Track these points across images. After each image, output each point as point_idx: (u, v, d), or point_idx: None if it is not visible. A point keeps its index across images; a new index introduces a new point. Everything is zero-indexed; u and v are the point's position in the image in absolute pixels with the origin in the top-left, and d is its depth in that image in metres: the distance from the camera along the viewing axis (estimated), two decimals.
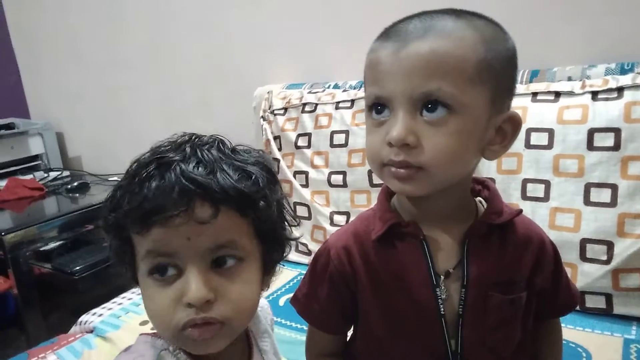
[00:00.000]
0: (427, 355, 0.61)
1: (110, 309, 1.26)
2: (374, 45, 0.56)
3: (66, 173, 2.37)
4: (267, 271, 0.57)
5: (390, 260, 0.61)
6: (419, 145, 0.52)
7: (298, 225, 0.63)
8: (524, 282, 0.62)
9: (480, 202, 0.64)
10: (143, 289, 0.52)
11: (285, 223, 0.59)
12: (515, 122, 0.58)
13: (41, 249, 1.96)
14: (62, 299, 1.97)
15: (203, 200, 0.48)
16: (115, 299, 1.32)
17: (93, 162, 2.44)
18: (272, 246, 0.56)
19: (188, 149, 0.51)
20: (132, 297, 1.32)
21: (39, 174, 2.32)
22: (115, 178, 2.11)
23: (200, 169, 0.49)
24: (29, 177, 2.27)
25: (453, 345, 0.60)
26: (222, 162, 0.51)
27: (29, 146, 2.36)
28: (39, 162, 2.39)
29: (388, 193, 0.65)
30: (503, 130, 0.57)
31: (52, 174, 2.33)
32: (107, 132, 2.31)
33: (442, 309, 0.59)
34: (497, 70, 0.55)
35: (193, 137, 0.54)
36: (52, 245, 1.99)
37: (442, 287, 0.59)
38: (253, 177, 0.51)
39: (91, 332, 1.17)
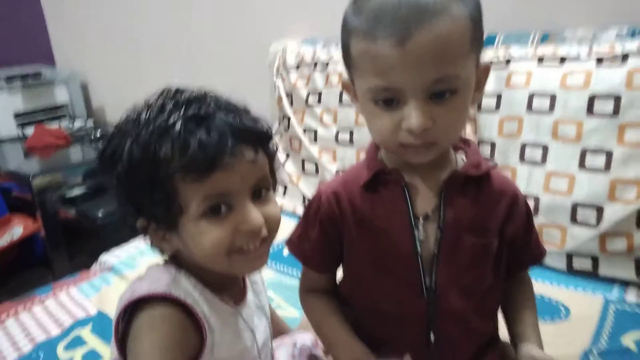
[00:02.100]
0: (405, 291, 0.67)
1: (127, 250, 1.36)
2: (365, 34, 0.56)
3: (90, 122, 2.46)
4: None
5: (374, 204, 0.67)
6: (434, 127, 0.57)
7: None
8: (496, 230, 0.67)
9: (462, 158, 0.69)
10: (194, 230, 0.56)
11: None
12: (487, 70, 0.63)
13: (66, 195, 2.08)
14: (86, 243, 2.10)
15: (247, 143, 0.56)
16: (132, 242, 1.41)
17: (116, 112, 2.52)
18: (275, 179, 0.65)
19: (210, 101, 0.58)
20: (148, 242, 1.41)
21: (64, 123, 2.42)
22: None
23: (233, 118, 0.56)
24: (54, 125, 2.37)
25: (428, 282, 0.66)
26: (241, 110, 0.59)
27: (55, 95, 2.45)
28: (64, 111, 2.49)
29: (376, 145, 0.70)
30: (479, 80, 0.62)
31: (77, 124, 2.42)
32: (130, 83, 2.37)
33: (419, 249, 0.65)
34: (479, 35, 0.59)
35: (188, 92, 0.59)
36: (76, 191, 2.11)
37: (420, 229, 0.65)
38: (263, 121, 0.61)
39: (110, 270, 1.27)
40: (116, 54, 2.40)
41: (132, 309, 0.57)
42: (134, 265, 1.26)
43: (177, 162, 0.53)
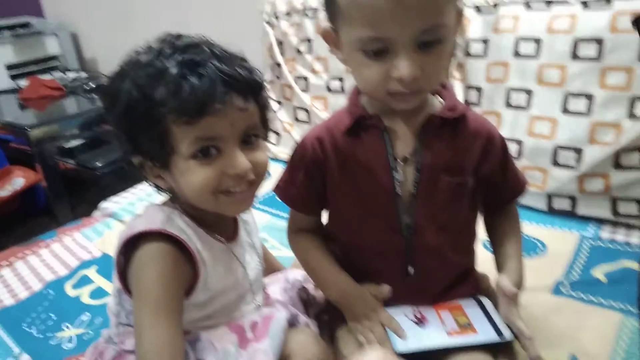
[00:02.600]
0: (385, 229, 0.72)
1: (126, 197, 1.41)
2: None
3: (83, 74, 2.45)
4: None
5: (356, 148, 0.71)
6: (422, 75, 0.60)
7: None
8: (472, 169, 0.71)
9: (440, 101, 0.72)
10: (184, 169, 0.61)
11: None
12: (461, 14, 0.65)
13: (64, 146, 2.11)
14: (86, 193, 2.14)
15: (238, 91, 0.59)
16: (130, 190, 1.46)
17: (108, 63, 2.51)
18: (267, 128, 0.69)
19: (206, 48, 0.61)
20: (145, 189, 1.46)
21: (58, 75, 2.41)
22: None
23: (226, 66, 0.59)
24: (47, 77, 2.37)
25: (407, 220, 0.71)
26: (235, 59, 0.62)
27: (46, 46, 2.43)
28: (57, 62, 2.48)
29: (357, 92, 0.73)
30: (456, 25, 0.64)
31: (70, 75, 2.42)
32: (121, 33, 2.35)
33: (398, 189, 0.69)
34: None
35: (187, 38, 0.63)
36: (74, 143, 2.13)
37: (399, 171, 0.69)
38: (257, 71, 0.64)
39: (110, 216, 1.33)
40: (106, 5, 2.36)
41: (131, 244, 0.63)
42: (132, 210, 1.31)
43: (170, 105, 0.57)
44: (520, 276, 0.72)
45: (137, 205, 1.35)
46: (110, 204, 1.38)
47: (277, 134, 1.62)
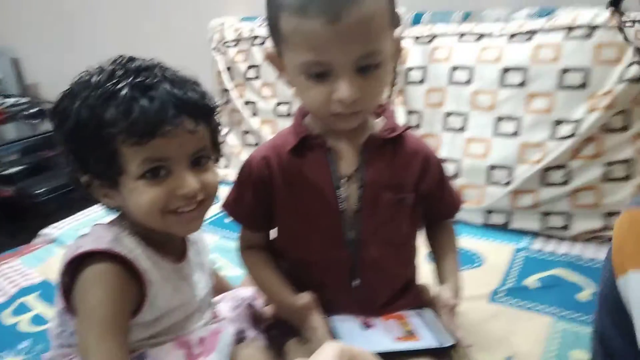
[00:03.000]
0: (332, 244, 0.75)
1: (69, 223, 1.38)
2: (296, 11, 0.60)
3: (24, 99, 2.38)
4: None
5: (301, 166, 0.74)
6: (361, 97, 0.64)
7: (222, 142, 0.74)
8: (411, 186, 0.76)
9: (380, 123, 0.77)
10: (133, 189, 0.62)
11: None
12: (398, 41, 0.70)
13: (3, 173, 2.03)
14: (25, 221, 2.06)
15: (189, 114, 0.61)
16: (73, 216, 1.43)
17: (51, 89, 2.45)
18: (217, 151, 0.71)
19: (158, 72, 0.63)
20: (89, 214, 1.43)
21: None
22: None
23: (177, 89, 0.61)
24: None
25: (352, 235, 0.74)
26: (187, 83, 0.64)
27: None
28: None
29: (302, 113, 0.77)
30: (394, 50, 0.69)
31: (9, 100, 2.34)
32: (65, 59, 2.31)
33: (343, 206, 0.73)
34: (394, 12, 0.67)
35: (140, 60, 0.65)
36: (13, 169, 2.06)
37: (343, 188, 0.73)
38: (208, 95, 0.66)
39: (53, 242, 1.29)
40: (49, 30, 2.32)
41: (77, 264, 0.62)
42: (76, 236, 1.28)
43: (120, 125, 0.58)
44: (458, 287, 0.77)
45: (81, 231, 1.31)
46: (52, 230, 1.34)
47: (227, 158, 1.64)
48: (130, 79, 0.60)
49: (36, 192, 1.96)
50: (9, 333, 0.95)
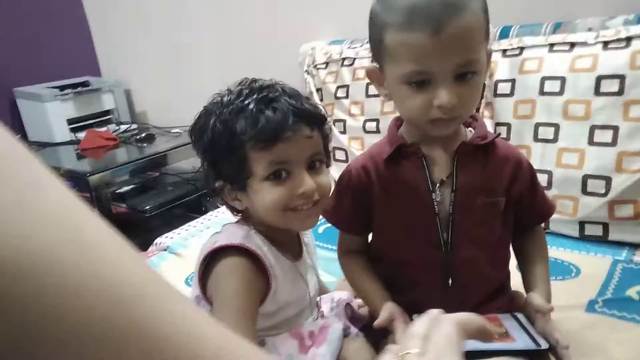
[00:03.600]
0: (426, 245, 0.79)
1: (179, 233, 1.52)
2: (401, 27, 0.66)
3: (134, 126, 2.64)
4: None
5: (397, 174, 0.79)
6: (459, 103, 0.69)
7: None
8: (503, 190, 0.79)
9: (471, 130, 0.81)
10: (259, 190, 0.71)
11: None
12: (490, 55, 0.74)
13: (117, 191, 2.27)
14: (136, 235, 2.27)
15: (305, 122, 0.70)
16: (182, 227, 1.57)
17: (157, 116, 2.71)
18: (328, 157, 0.79)
19: (279, 88, 0.73)
20: (195, 225, 1.57)
21: (112, 127, 2.61)
22: (177, 130, 2.38)
23: (295, 101, 0.71)
24: (103, 129, 2.57)
25: (445, 237, 0.78)
26: (302, 97, 0.74)
27: (102, 102, 2.65)
28: (111, 116, 2.69)
29: (396, 125, 0.83)
30: (486, 63, 0.73)
31: (123, 127, 2.61)
32: (170, 88, 2.55)
33: (437, 209, 0.77)
34: (488, 25, 0.72)
35: (262, 80, 0.75)
36: (125, 188, 2.30)
37: (437, 192, 0.77)
38: (320, 107, 0.76)
39: (165, 250, 1.43)
40: (156, 61, 2.58)
41: (212, 256, 0.72)
42: (185, 245, 1.42)
43: (249, 134, 0.68)
44: (549, 294, 0.78)
45: (190, 240, 1.45)
46: (164, 239, 1.49)
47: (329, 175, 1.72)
48: (255, 95, 0.70)
49: (145, 208, 2.17)
50: None
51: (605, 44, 1.21)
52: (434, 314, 0.45)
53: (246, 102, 0.70)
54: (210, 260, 0.72)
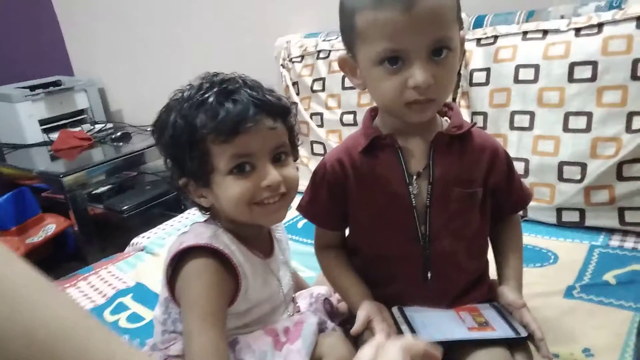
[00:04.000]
0: (404, 238, 0.78)
1: (156, 233, 1.49)
2: (372, 6, 0.65)
3: (109, 125, 2.59)
4: None
5: (373, 166, 0.78)
6: (434, 83, 0.67)
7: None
8: (480, 180, 0.78)
9: (447, 120, 0.80)
10: (223, 184, 0.69)
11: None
12: (463, 40, 0.73)
13: (93, 192, 2.22)
14: (114, 235, 2.23)
15: (267, 113, 0.68)
16: (158, 226, 1.55)
17: (133, 114, 2.66)
18: (295, 150, 0.78)
19: (240, 80, 0.71)
20: (173, 224, 1.55)
21: (86, 127, 2.55)
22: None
23: (257, 92, 0.69)
24: (77, 129, 2.51)
25: (423, 229, 0.77)
26: (264, 88, 0.72)
27: (75, 101, 2.59)
28: (85, 115, 2.63)
29: (371, 115, 0.81)
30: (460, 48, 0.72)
31: (97, 126, 2.56)
32: (145, 85, 2.50)
33: (414, 202, 0.76)
34: (459, 8, 0.71)
35: (223, 74, 0.73)
36: (101, 188, 2.25)
37: (414, 185, 0.76)
38: (284, 98, 0.74)
39: (142, 250, 1.40)
40: (130, 59, 2.53)
41: (179, 257, 0.70)
42: (162, 244, 1.39)
43: (209, 127, 0.66)
44: (520, 286, 0.78)
45: (167, 239, 1.42)
46: (141, 239, 1.46)
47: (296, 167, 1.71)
48: (216, 88, 0.68)
49: (122, 208, 2.13)
50: (112, 329, 1.04)
51: (578, 30, 1.21)
52: (380, 341, 0.46)
53: (206, 95, 0.68)
54: (178, 261, 0.70)
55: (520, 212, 0.97)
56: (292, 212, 0.85)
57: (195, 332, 0.65)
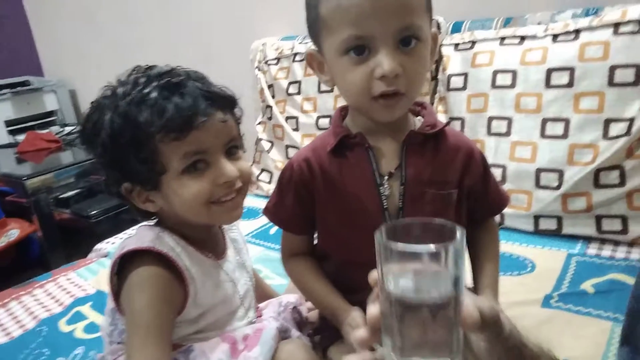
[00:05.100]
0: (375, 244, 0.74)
1: (121, 238, 1.43)
2: None
3: (79, 127, 2.51)
4: None
5: (342, 166, 0.74)
6: (403, 74, 0.63)
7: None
8: (455, 182, 0.74)
9: (420, 119, 0.76)
10: (176, 186, 0.64)
11: None
12: (436, 38, 0.70)
13: (60, 196, 2.14)
14: (80, 241, 2.15)
15: (217, 106, 0.65)
16: (124, 232, 1.48)
17: None
18: (242, 142, 0.73)
19: (182, 72, 0.66)
20: None
21: (55, 129, 2.48)
22: None
23: (204, 84, 0.65)
24: (45, 131, 2.43)
25: None
26: (207, 80, 0.68)
27: (44, 102, 2.51)
28: (55, 117, 2.55)
29: (341, 114, 0.78)
30: (432, 45, 0.69)
31: (67, 129, 2.48)
32: None
33: (385, 204, 0.72)
34: (430, 3, 0.67)
35: (158, 67, 0.68)
36: (69, 193, 2.17)
37: (385, 186, 0.72)
38: (228, 88, 0.70)
39: (105, 256, 1.34)
40: (102, 60, 2.46)
41: (123, 265, 0.65)
42: None
43: (157, 125, 0.60)
44: (496, 293, 0.74)
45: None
46: (105, 245, 1.39)
47: (270, 172, 1.66)
48: (155, 82, 0.63)
49: (90, 213, 2.05)
50: (66, 340, 0.98)
51: (555, 37, 1.20)
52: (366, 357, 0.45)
53: (146, 90, 0.62)
54: (121, 268, 0.64)
55: (498, 219, 0.94)
56: (264, 219, 0.80)
57: (137, 347, 0.60)
